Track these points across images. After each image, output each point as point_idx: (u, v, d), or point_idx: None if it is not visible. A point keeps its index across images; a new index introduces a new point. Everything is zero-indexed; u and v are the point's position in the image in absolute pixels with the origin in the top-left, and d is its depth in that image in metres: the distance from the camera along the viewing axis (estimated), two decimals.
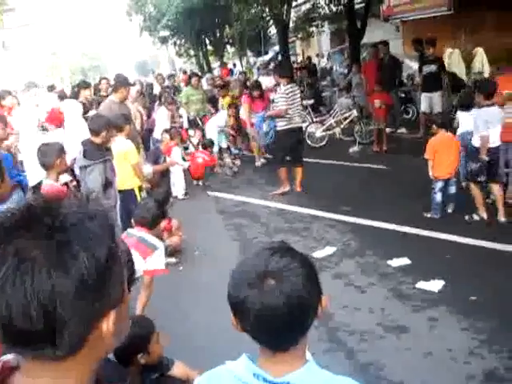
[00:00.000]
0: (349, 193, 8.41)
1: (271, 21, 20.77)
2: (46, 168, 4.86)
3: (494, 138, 6.44)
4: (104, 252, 0.91)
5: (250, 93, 11.19)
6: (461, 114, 7.58)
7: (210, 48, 33.09)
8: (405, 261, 5.61)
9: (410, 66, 15.02)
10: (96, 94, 11.81)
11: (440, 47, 12.35)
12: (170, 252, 6.13)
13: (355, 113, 12.68)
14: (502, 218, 6.52)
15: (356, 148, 11.61)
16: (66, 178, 5.55)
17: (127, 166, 6.51)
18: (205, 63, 33.14)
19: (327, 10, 18.42)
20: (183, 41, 33.28)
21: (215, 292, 4.84)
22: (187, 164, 9.50)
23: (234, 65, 30.17)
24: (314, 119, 13.21)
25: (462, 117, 7.52)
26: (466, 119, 7.19)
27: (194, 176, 9.94)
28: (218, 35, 29.99)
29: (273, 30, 24.09)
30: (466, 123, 7.16)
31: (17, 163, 6.75)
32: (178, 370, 3.21)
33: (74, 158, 6.21)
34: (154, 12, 27.60)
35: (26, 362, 0.93)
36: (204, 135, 11.15)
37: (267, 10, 19.42)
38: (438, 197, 6.89)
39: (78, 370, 0.94)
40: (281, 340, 1.34)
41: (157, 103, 12.15)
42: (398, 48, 17.55)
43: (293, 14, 20.01)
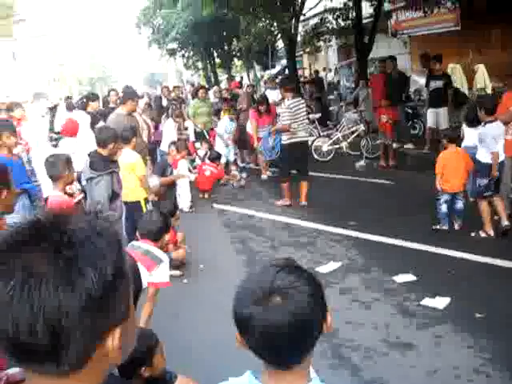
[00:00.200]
0: (355, 207, 8.41)
1: (279, 35, 20.84)
2: (54, 179, 4.88)
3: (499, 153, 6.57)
4: (111, 269, 0.91)
5: (256, 108, 11.22)
6: (466, 129, 7.64)
7: (217, 61, 33.22)
8: (410, 277, 5.59)
9: (417, 81, 15.06)
10: (105, 105, 11.88)
11: (447, 63, 12.39)
12: (175, 265, 6.13)
13: (362, 127, 12.71)
14: (506, 221, 6.65)
15: (362, 163, 11.60)
16: (75, 189, 5.59)
17: (134, 178, 6.53)
18: (212, 76, 33.29)
19: (335, 25, 18.48)
20: (191, 53, 33.47)
21: (219, 306, 4.84)
22: (193, 176, 9.52)
23: (242, 78, 30.29)
24: (321, 133, 13.24)
25: (466, 131, 7.59)
26: (470, 134, 7.28)
27: (202, 189, 9.95)
28: (226, 48, 30.11)
29: (280, 44, 24.13)
30: (470, 138, 7.26)
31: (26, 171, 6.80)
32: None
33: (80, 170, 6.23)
34: (162, 25, 27.78)
35: (31, 377, 0.94)
36: (211, 148, 11.18)
37: (275, 24, 19.50)
38: (444, 208, 6.97)
39: None
40: (285, 358, 1.33)
41: (164, 115, 12.21)
42: (405, 63, 17.62)
43: (301, 29, 20.07)
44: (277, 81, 15.55)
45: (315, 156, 12.36)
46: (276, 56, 29.34)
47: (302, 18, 19.20)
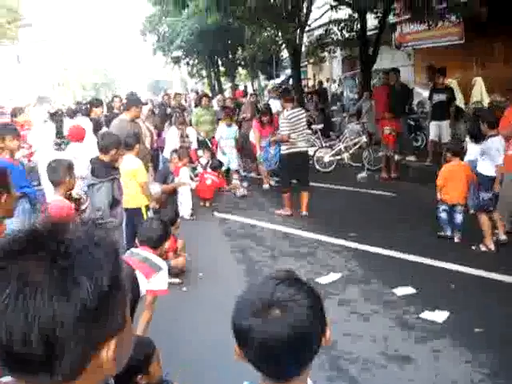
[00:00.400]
0: (355, 219, 8.40)
1: (284, 45, 20.92)
2: (55, 184, 4.89)
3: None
4: (107, 279, 0.90)
5: (259, 118, 11.25)
6: (469, 143, 7.71)
7: (222, 69, 33.34)
8: (409, 290, 5.58)
9: (420, 93, 15.09)
10: (109, 110, 11.92)
11: (450, 76, 12.42)
12: (175, 272, 6.12)
13: (364, 139, 12.72)
14: (503, 235, 6.72)
15: (364, 174, 11.61)
16: (82, 193, 5.60)
17: (135, 185, 6.53)
18: (216, 84, 33.41)
19: (340, 36, 18.53)
20: (196, 61, 33.64)
21: (218, 315, 4.83)
22: (194, 184, 9.53)
23: (245, 87, 30.39)
24: (323, 144, 13.25)
25: (470, 146, 7.68)
26: (473, 148, 7.38)
27: (202, 197, 9.95)
28: (231, 57, 30.23)
29: (285, 54, 24.24)
30: (473, 152, 7.36)
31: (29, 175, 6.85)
32: None
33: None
34: (168, 32, 27.91)
35: None
36: (213, 156, 11.19)
37: (280, 34, 19.58)
38: (444, 216, 7.13)
39: None
40: (283, 370, 1.32)
41: (167, 123, 12.23)
42: (408, 75, 17.65)
43: (305, 39, 20.13)
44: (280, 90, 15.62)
45: (317, 166, 12.37)
46: (280, 66, 29.47)
47: (306, 28, 19.27)
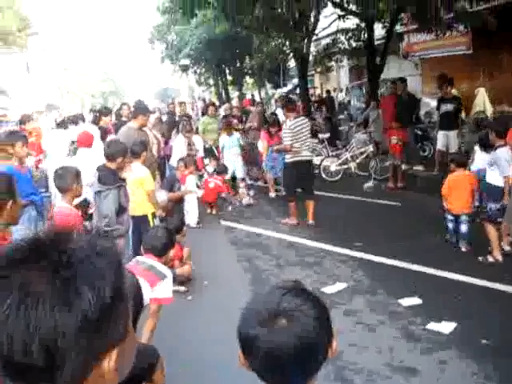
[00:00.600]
0: (362, 228, 8.38)
1: (291, 54, 20.96)
2: (62, 191, 4.91)
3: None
4: (109, 290, 0.90)
5: (268, 129, 11.30)
6: (478, 152, 7.75)
7: (229, 78, 33.43)
8: (416, 300, 5.54)
9: (427, 103, 15.07)
10: (117, 118, 11.97)
11: (459, 86, 12.42)
12: (180, 280, 6.11)
13: (371, 148, 12.71)
14: (507, 246, 6.74)
15: (371, 183, 11.59)
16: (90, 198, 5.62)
17: (142, 192, 6.54)
18: (224, 93, 33.49)
19: (347, 46, 18.57)
20: (203, 70, 33.74)
21: (223, 324, 4.83)
22: (201, 192, 9.54)
23: (253, 95, 30.45)
24: (330, 153, 13.24)
25: (478, 154, 7.72)
26: (481, 157, 7.45)
27: (205, 200, 9.93)
28: (238, 66, 30.32)
29: (292, 63, 24.29)
30: (481, 161, 7.39)
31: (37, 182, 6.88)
32: None
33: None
34: (176, 41, 28.04)
35: None
36: (220, 164, 11.21)
37: (287, 43, 19.63)
38: (450, 225, 7.25)
39: None
40: (289, 381, 1.32)
41: (175, 131, 12.26)
42: (416, 85, 17.65)
43: (313, 48, 20.17)
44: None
45: (323, 176, 12.36)
46: (287, 75, 29.52)
47: (314, 37, 19.31)
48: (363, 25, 16.41)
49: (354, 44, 18.05)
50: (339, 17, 16.64)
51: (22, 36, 41.41)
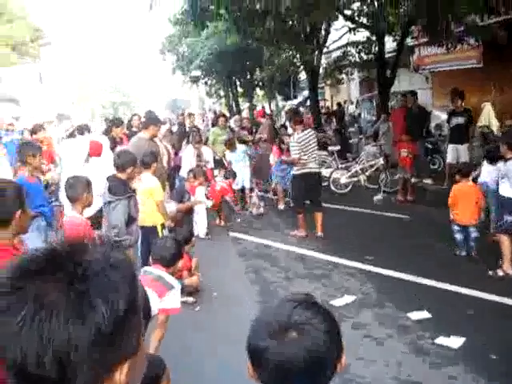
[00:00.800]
0: (371, 241, 8.35)
1: (301, 66, 21.02)
2: (72, 200, 4.93)
3: None
4: (123, 304, 0.91)
5: (279, 144, 11.34)
6: (485, 165, 7.79)
7: (239, 90, 33.52)
8: (425, 314, 5.51)
9: (437, 116, 15.04)
10: (128, 129, 12.03)
11: (469, 99, 12.38)
12: (189, 291, 6.11)
13: (381, 161, 12.69)
14: None
15: (380, 196, 11.56)
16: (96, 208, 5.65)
17: (151, 203, 6.57)
18: (234, 104, 33.58)
19: (357, 58, 18.59)
20: (214, 81, 33.85)
21: (230, 336, 4.82)
22: (210, 203, 9.55)
23: (263, 107, 30.52)
24: (340, 165, 13.23)
25: (485, 167, 7.79)
26: (487, 170, 7.62)
27: (211, 197, 9.86)
28: (249, 77, 30.40)
29: (303, 76, 24.36)
30: (486, 174, 7.61)
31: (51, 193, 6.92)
32: None
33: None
34: (187, 52, 28.18)
35: None
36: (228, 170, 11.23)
37: (298, 55, 19.69)
38: (459, 236, 7.29)
39: None
40: None
41: (185, 141, 12.29)
42: (426, 98, 17.63)
43: (323, 61, 20.22)
44: (300, 110, 15.75)
45: (333, 188, 12.36)
46: (298, 87, 29.60)
47: (324, 50, 19.36)
48: (374, 38, 16.43)
49: (364, 57, 18.07)
50: (350, 30, 16.70)
51: (35, 46, 41.81)
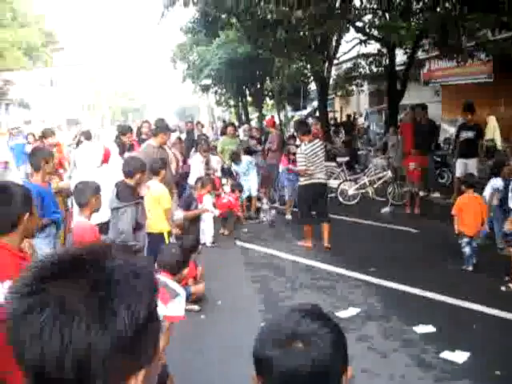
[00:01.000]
0: (377, 254, 8.33)
1: (311, 77, 21.08)
2: (81, 205, 4.95)
3: None
4: (144, 311, 0.91)
5: (287, 155, 11.36)
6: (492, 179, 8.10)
7: (249, 99, 33.57)
8: (430, 328, 5.48)
9: (446, 130, 15.03)
10: (138, 136, 12.08)
11: (479, 113, 12.36)
12: (194, 299, 6.11)
13: (389, 174, 12.67)
14: None
15: (388, 209, 11.55)
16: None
17: (159, 210, 6.58)
18: (243, 113, 33.63)
19: (368, 70, 18.65)
20: (224, 90, 33.93)
21: (234, 345, 4.82)
22: (218, 212, 9.56)
23: (272, 116, 30.55)
24: (348, 177, 13.22)
25: (495, 182, 7.99)
26: (491, 183, 7.95)
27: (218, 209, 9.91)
28: (259, 87, 30.45)
29: (313, 86, 24.41)
30: (489, 187, 7.93)
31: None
32: None
33: None
34: (198, 61, 28.28)
35: None
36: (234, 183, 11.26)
37: (308, 66, 19.75)
38: (467, 249, 7.32)
39: None
40: None
41: (193, 150, 12.33)
42: (436, 112, 17.63)
43: (333, 72, 20.29)
44: (309, 120, 15.73)
45: (341, 199, 12.35)
46: (308, 97, 29.62)
47: (335, 61, 19.41)
48: (385, 50, 16.49)
49: (374, 69, 18.14)
50: (361, 42, 16.75)
51: (47, 51, 42.16)
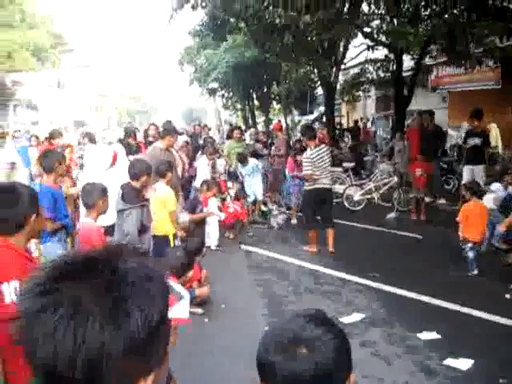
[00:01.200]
0: (382, 259, 8.32)
1: (318, 82, 21.07)
2: (88, 207, 4.97)
3: None
4: (156, 314, 0.92)
5: (294, 156, 11.37)
6: (494, 185, 8.49)
7: (256, 103, 33.59)
8: (434, 335, 5.46)
9: (453, 136, 15.00)
10: (145, 138, 12.11)
11: (486, 120, 12.33)
12: (198, 302, 6.11)
13: (395, 179, 12.65)
14: None
15: (393, 215, 11.53)
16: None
17: (165, 213, 6.59)
18: (250, 117, 33.66)
19: (375, 76, 18.63)
20: (231, 94, 33.97)
21: (238, 349, 4.81)
22: (223, 215, 9.57)
23: (279, 121, 30.56)
24: (354, 182, 13.21)
25: (494, 186, 8.43)
26: (493, 189, 8.32)
27: (223, 222, 9.94)
28: (266, 91, 30.48)
29: (320, 91, 24.41)
30: (492, 194, 8.24)
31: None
32: None
33: None
34: (205, 64, 28.34)
35: None
36: (238, 190, 11.28)
37: (316, 71, 19.75)
38: (471, 254, 7.40)
39: None
40: None
41: (199, 153, 12.36)
42: (443, 118, 17.60)
43: (340, 77, 20.28)
44: (316, 125, 15.73)
45: (346, 204, 12.34)
46: (314, 102, 29.64)
47: (342, 67, 19.41)
48: (392, 56, 16.47)
49: (382, 75, 18.12)
50: (368, 47, 16.74)
51: (56, 53, 42.31)
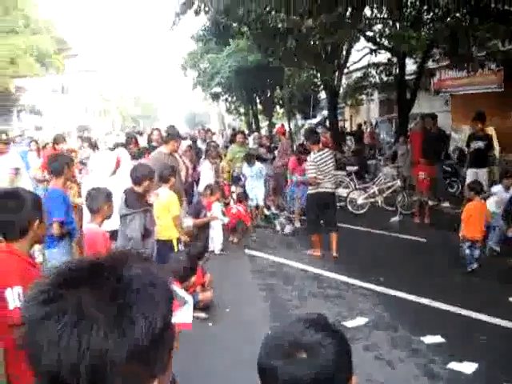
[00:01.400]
0: (386, 263, 8.32)
1: (321, 85, 21.06)
2: (93, 212, 4.99)
3: None
4: (160, 321, 0.92)
5: (298, 155, 11.36)
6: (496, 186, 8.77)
7: (259, 107, 33.59)
8: (438, 339, 5.45)
9: (456, 139, 14.97)
10: (148, 143, 12.13)
11: (489, 123, 12.31)
12: (201, 307, 6.12)
13: (399, 183, 12.65)
14: None
15: (397, 218, 11.53)
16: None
17: (168, 217, 6.60)
18: (253, 122, 33.66)
19: (378, 80, 18.62)
20: (234, 98, 33.99)
21: (241, 353, 4.82)
22: (227, 219, 9.57)
23: (283, 125, 30.53)
24: (357, 186, 13.21)
25: (495, 188, 8.75)
26: (494, 191, 8.63)
27: (226, 226, 9.92)
28: (269, 95, 30.48)
29: (323, 95, 24.41)
30: (494, 196, 8.62)
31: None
32: None
33: None
34: (208, 69, 28.36)
35: None
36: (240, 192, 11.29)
37: (319, 75, 19.75)
38: (467, 250, 7.64)
39: None
40: None
41: (202, 157, 12.37)
42: (446, 121, 17.57)
43: (343, 81, 20.26)
44: (319, 129, 15.72)
45: (350, 208, 12.33)
46: (318, 106, 29.63)
47: (345, 70, 19.40)
48: (395, 59, 16.47)
49: (385, 78, 18.10)
50: (371, 51, 16.74)
51: (60, 58, 42.45)
